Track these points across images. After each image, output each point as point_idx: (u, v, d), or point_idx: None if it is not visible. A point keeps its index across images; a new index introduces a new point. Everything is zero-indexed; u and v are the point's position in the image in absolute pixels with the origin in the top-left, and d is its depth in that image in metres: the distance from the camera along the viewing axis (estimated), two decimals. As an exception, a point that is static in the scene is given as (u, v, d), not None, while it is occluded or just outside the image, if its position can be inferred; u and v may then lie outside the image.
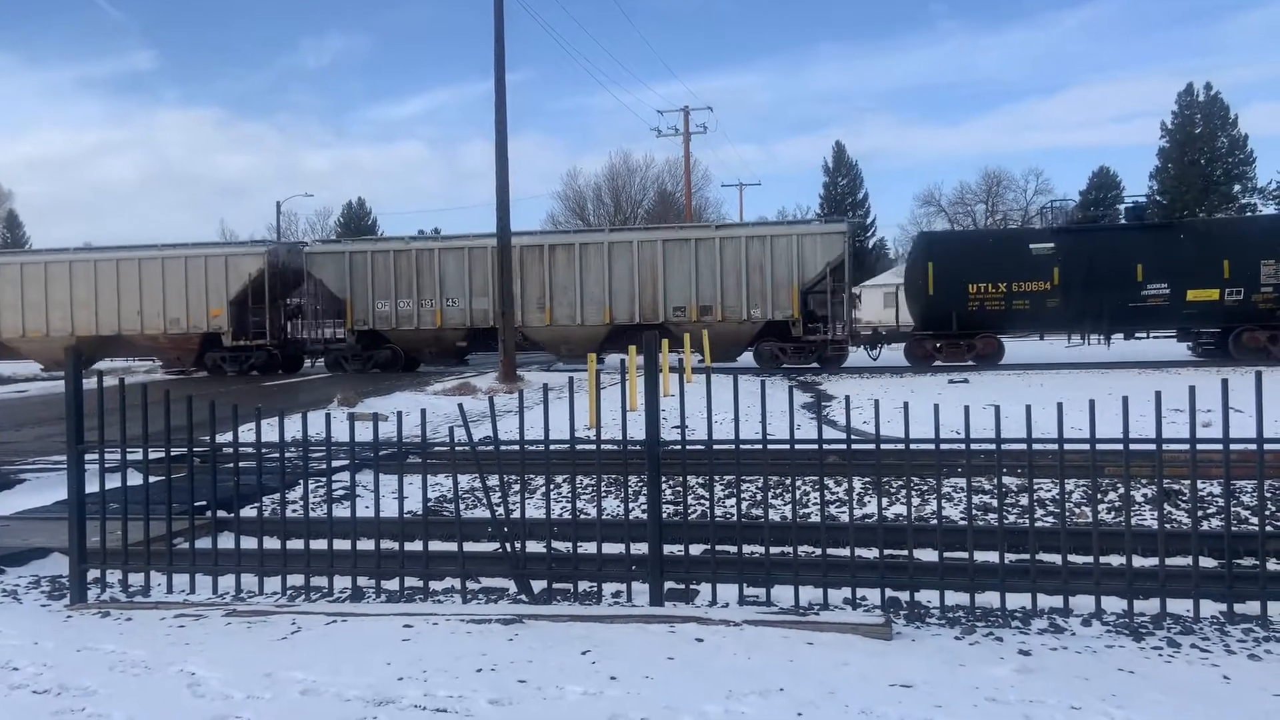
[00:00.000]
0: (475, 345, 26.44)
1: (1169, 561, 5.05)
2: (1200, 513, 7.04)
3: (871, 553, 5.63)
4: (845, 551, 5.43)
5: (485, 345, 25.76)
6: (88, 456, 5.80)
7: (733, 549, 5.56)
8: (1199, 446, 4.90)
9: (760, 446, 5.38)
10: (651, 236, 25.02)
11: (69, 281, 27.04)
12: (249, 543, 5.99)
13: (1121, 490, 6.86)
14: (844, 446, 5.55)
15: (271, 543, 5.97)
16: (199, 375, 27.16)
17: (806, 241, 23.50)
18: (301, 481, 7.63)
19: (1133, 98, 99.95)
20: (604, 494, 6.95)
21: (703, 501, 8.12)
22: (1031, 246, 23.07)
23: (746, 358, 25.05)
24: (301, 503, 6.60)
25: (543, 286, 24.67)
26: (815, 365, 23.64)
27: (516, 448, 5.67)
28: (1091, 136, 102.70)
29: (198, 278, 26.53)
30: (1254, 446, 4.93)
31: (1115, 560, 5.52)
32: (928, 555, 5.72)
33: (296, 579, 5.80)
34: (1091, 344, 23.55)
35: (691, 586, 5.61)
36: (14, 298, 27.33)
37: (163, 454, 5.99)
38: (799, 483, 8.18)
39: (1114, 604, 5.01)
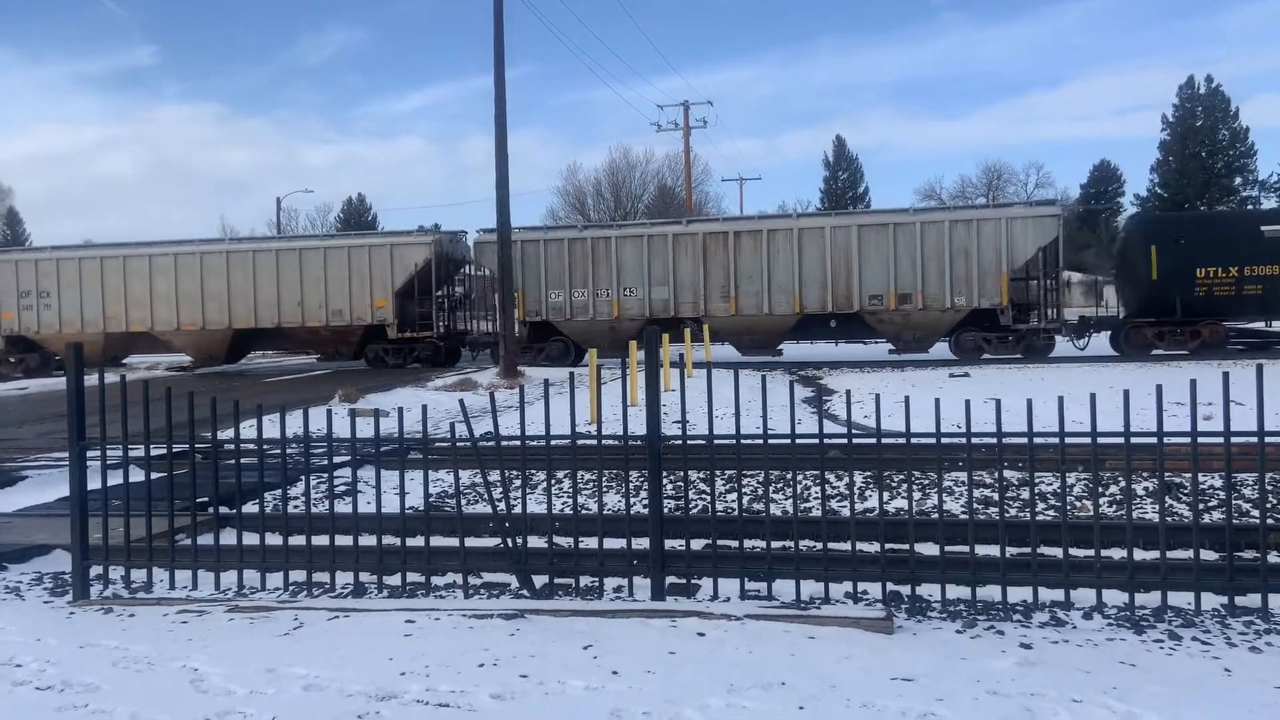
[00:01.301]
0: None
1: (1170, 554, 5.06)
2: (1201, 506, 7.04)
3: (873, 547, 5.63)
4: (846, 545, 5.43)
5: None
6: (90, 453, 5.81)
7: (734, 544, 5.57)
8: (1200, 440, 4.91)
9: (761, 441, 5.38)
10: (845, 222, 23.84)
11: (226, 272, 26.11)
12: (251, 538, 6.01)
13: (1123, 483, 6.87)
14: (845, 441, 5.55)
15: (274, 539, 5.97)
16: (352, 368, 25.89)
17: (1016, 225, 22.42)
18: (304, 477, 7.64)
19: (1134, 90, 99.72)
20: (605, 489, 6.95)
21: (704, 496, 8.13)
22: (1264, 229, 21.85)
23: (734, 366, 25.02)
24: (304, 498, 6.60)
25: (727, 275, 23.70)
26: (1019, 357, 22.32)
27: (518, 443, 5.68)
28: (1093, 129, 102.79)
29: (361, 268, 25.59)
30: (1255, 439, 4.93)
31: (1117, 554, 5.53)
32: (929, 549, 5.72)
33: (299, 574, 5.82)
34: None
35: (693, 581, 5.62)
36: (168, 289, 26.37)
37: (165, 450, 5.99)
38: (800, 477, 8.18)
39: (1115, 597, 5.02)
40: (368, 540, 5.83)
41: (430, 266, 25.51)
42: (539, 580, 5.65)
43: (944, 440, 5.21)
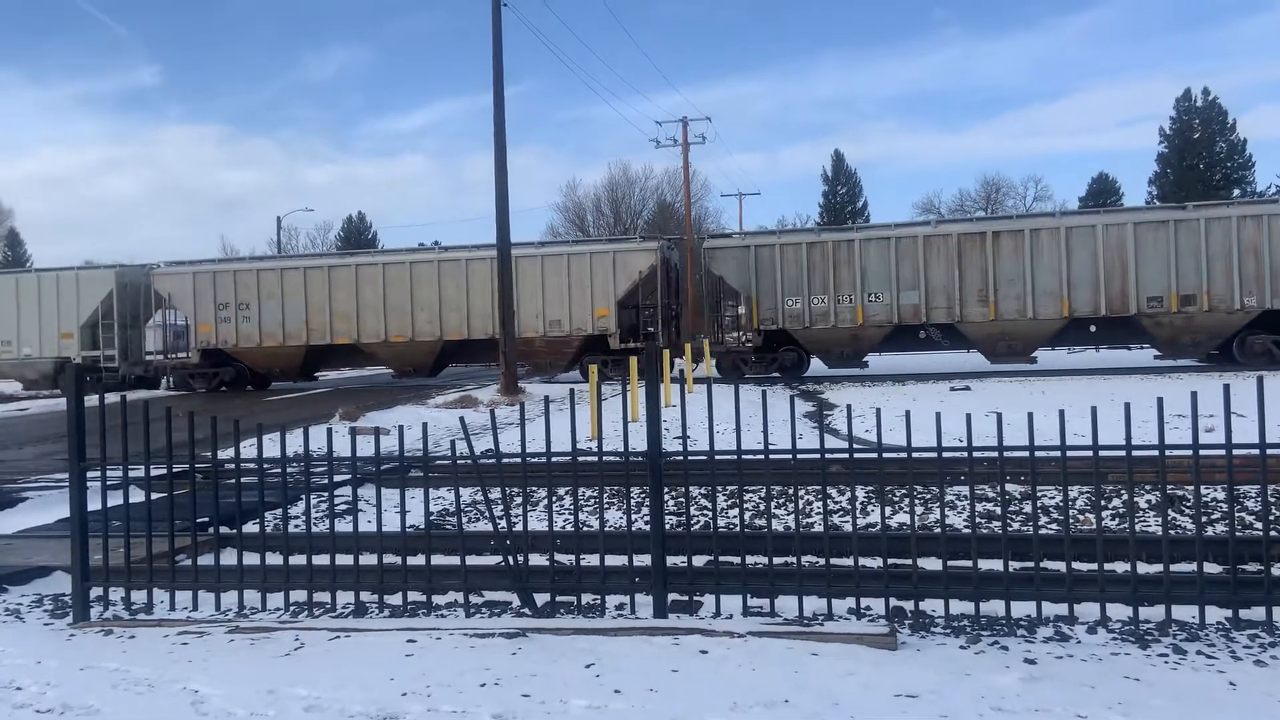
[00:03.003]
0: (893, 344, 24.23)
1: (1174, 568, 5.04)
2: (1204, 518, 7.02)
3: (875, 562, 5.62)
4: (849, 561, 5.41)
5: (904, 344, 24.06)
6: (90, 474, 5.80)
7: (736, 560, 5.55)
8: (1202, 452, 4.90)
9: (763, 456, 5.38)
10: (1119, 220, 22.69)
11: (437, 282, 25.33)
12: (251, 559, 5.99)
13: (1125, 497, 6.85)
14: (846, 455, 5.54)
15: (274, 558, 5.96)
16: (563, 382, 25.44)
17: None
18: (304, 497, 7.63)
19: (1135, 103, 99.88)
20: (607, 506, 6.94)
21: (706, 512, 8.11)
22: None
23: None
24: (304, 518, 6.59)
25: (985, 277, 22.65)
26: None
27: (518, 460, 5.67)
28: (1092, 142, 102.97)
29: (581, 276, 24.87)
30: (1257, 451, 4.92)
31: (1120, 567, 5.51)
32: (932, 564, 5.70)
33: (299, 594, 5.80)
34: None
35: (695, 598, 5.60)
36: (375, 299, 25.59)
37: (165, 471, 5.98)
38: (802, 492, 8.17)
39: (1119, 611, 5.00)
40: (369, 559, 5.81)
41: (655, 273, 24.84)
42: (540, 598, 5.63)
43: (946, 454, 5.21)
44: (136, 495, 6.50)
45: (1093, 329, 22.96)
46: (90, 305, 27.08)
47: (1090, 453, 5.02)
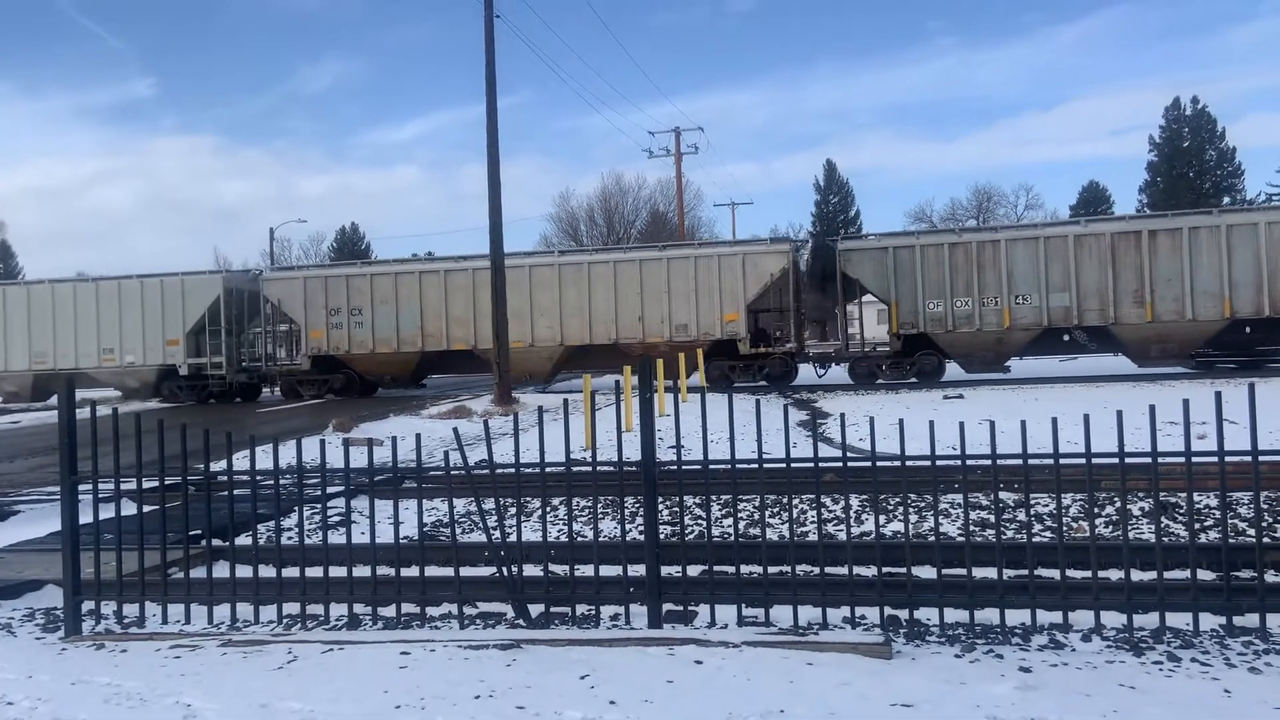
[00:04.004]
0: (1038, 348, 23.54)
1: (1167, 575, 5.05)
2: (1197, 525, 7.03)
3: (870, 571, 5.61)
4: (843, 570, 5.41)
5: (1048, 348, 23.57)
6: (81, 487, 5.78)
7: (730, 569, 5.54)
8: (1195, 459, 4.91)
9: (756, 466, 5.38)
10: None
11: (557, 286, 24.59)
12: (244, 571, 5.96)
13: (1118, 504, 6.86)
14: (840, 464, 5.54)
15: (267, 571, 5.94)
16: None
17: None
18: (297, 508, 7.60)
19: (1127, 111, 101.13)
20: (601, 516, 6.93)
21: (700, 522, 8.10)
22: None
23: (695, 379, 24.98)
24: (297, 529, 6.57)
25: (1141, 277, 22.04)
26: None
27: (512, 470, 5.66)
28: (1084, 150, 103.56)
29: (708, 280, 24.02)
30: (1249, 458, 4.94)
31: (1114, 574, 5.52)
32: (926, 572, 5.71)
33: (293, 607, 5.77)
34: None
35: (690, 608, 5.59)
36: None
37: (157, 483, 5.96)
38: (796, 501, 8.17)
39: (1113, 619, 5.00)
40: (362, 571, 5.79)
41: (787, 276, 24.06)
42: (535, 609, 5.61)
43: (939, 463, 5.21)
44: (129, 508, 6.48)
45: (1248, 329, 22.39)
46: (197, 311, 26.30)
47: (1084, 460, 5.03)
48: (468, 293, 25.09)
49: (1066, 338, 23.12)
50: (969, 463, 5.17)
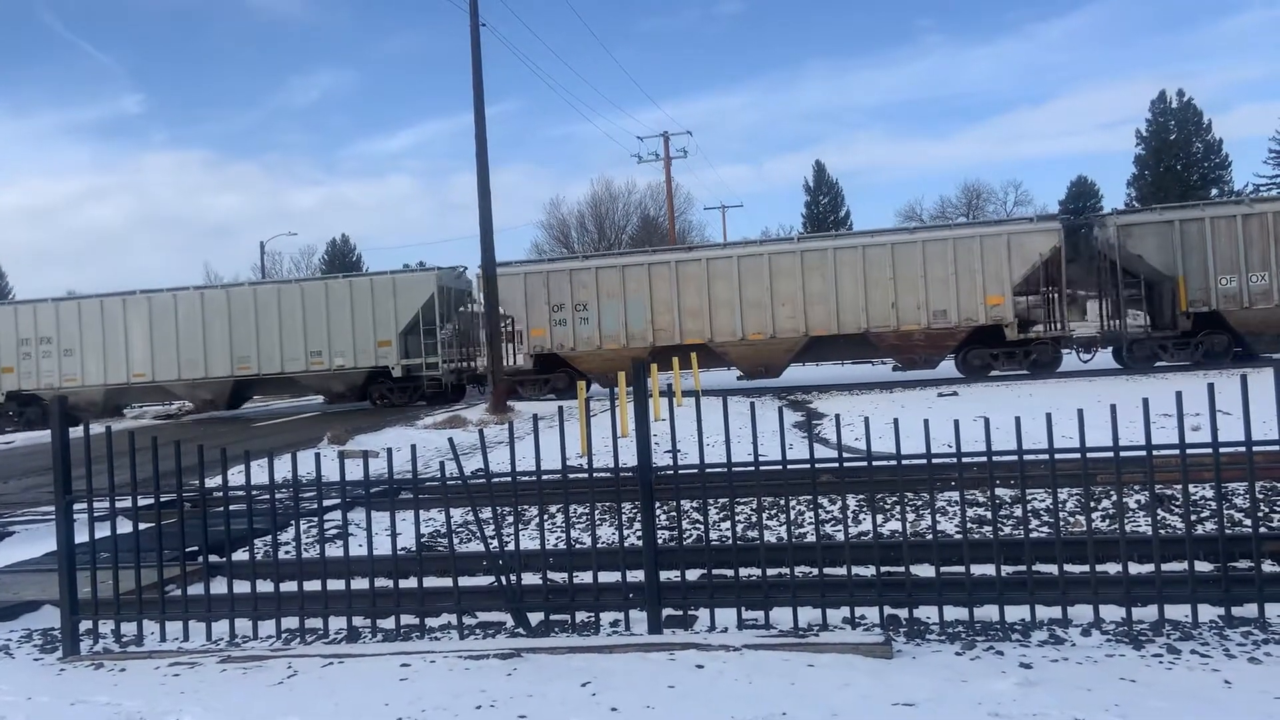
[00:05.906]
0: None
1: (1165, 567, 5.06)
2: (1194, 517, 7.05)
3: (868, 570, 5.61)
4: (842, 570, 5.41)
5: None
6: (76, 506, 5.75)
7: (729, 573, 5.54)
8: (1189, 451, 4.92)
9: (753, 468, 5.38)
10: None
11: (800, 273, 22.99)
12: (242, 587, 5.94)
13: (1114, 498, 6.87)
14: (836, 465, 5.55)
15: (265, 586, 5.92)
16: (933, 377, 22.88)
17: None
18: (293, 522, 7.58)
19: (1116, 105, 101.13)
20: (599, 522, 6.92)
21: (698, 526, 8.10)
22: None
23: (721, 378, 24.98)
24: (294, 544, 6.55)
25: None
26: None
27: (509, 479, 5.65)
28: (1074, 145, 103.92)
29: (969, 262, 22.20)
30: (1243, 449, 4.95)
31: (1112, 568, 5.52)
32: (925, 570, 5.71)
33: (291, 621, 5.75)
34: None
35: (689, 612, 5.58)
36: (729, 295, 23.41)
37: (152, 501, 5.94)
38: (793, 502, 8.17)
39: (1112, 612, 5.01)
40: (360, 584, 5.77)
41: (1058, 256, 22.37)
42: (535, 617, 5.60)
43: (935, 460, 5.21)
44: (125, 526, 6.46)
45: None
46: (409, 311, 25.13)
47: (1079, 455, 5.04)
48: (700, 284, 23.63)
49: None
50: (965, 460, 5.17)
